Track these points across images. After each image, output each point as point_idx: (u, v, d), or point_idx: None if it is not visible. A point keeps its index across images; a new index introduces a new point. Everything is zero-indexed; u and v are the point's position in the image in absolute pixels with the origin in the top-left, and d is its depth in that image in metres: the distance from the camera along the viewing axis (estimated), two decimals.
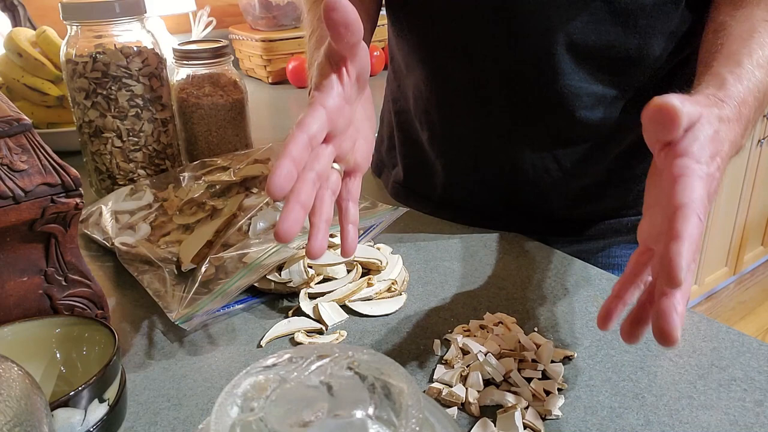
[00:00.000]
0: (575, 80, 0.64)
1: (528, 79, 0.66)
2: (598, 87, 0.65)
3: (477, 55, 0.67)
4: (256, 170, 0.74)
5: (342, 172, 0.47)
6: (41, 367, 0.46)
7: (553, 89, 0.65)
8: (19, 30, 1.00)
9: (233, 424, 0.25)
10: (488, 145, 0.71)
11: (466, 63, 0.68)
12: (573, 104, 0.65)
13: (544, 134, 0.69)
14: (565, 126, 0.67)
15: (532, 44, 0.64)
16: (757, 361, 0.50)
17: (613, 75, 0.65)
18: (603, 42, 0.63)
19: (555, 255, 0.67)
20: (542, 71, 0.65)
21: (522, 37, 0.64)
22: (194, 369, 0.51)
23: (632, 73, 0.65)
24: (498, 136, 0.70)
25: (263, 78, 1.55)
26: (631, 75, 0.65)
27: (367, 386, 0.26)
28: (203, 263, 0.62)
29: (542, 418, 0.45)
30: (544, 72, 0.64)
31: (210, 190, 0.73)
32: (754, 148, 2.22)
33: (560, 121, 0.67)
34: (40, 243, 0.47)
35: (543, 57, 0.64)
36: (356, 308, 0.58)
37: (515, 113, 0.68)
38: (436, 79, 0.72)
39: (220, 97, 0.84)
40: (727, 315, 2.40)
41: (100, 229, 0.69)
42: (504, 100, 0.68)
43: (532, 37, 0.63)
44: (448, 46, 0.69)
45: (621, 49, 0.63)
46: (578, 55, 0.63)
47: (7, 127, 0.45)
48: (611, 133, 0.68)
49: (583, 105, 0.66)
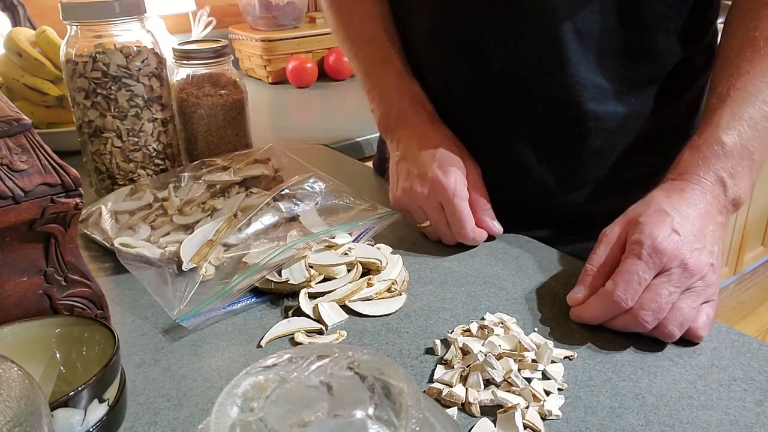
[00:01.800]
0: (582, 71, 0.64)
1: (534, 71, 0.66)
2: (604, 79, 0.65)
3: (482, 48, 0.67)
4: (256, 170, 0.74)
5: None
6: (41, 367, 0.46)
7: (560, 80, 0.65)
8: (19, 30, 1.00)
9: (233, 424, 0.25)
10: (491, 141, 0.71)
11: (470, 56, 0.68)
12: (579, 96, 0.65)
13: (549, 129, 0.69)
14: (571, 119, 0.67)
15: (539, 35, 0.64)
16: (758, 361, 0.50)
17: (620, 67, 0.65)
18: (609, 33, 0.63)
19: (555, 255, 0.67)
20: (548, 62, 0.65)
21: (528, 27, 0.64)
22: (194, 369, 0.51)
23: (638, 66, 0.65)
24: (502, 131, 0.71)
25: (263, 78, 1.55)
26: (636, 68, 0.65)
27: (367, 386, 0.26)
28: (203, 263, 0.62)
29: (542, 418, 0.45)
30: (551, 63, 0.64)
31: (210, 190, 0.73)
32: None
33: (566, 114, 0.67)
34: (40, 243, 0.47)
35: (549, 47, 0.64)
36: (356, 308, 0.58)
37: (520, 107, 0.68)
38: (439, 74, 0.73)
39: (220, 97, 0.84)
40: (727, 315, 2.40)
41: (100, 229, 0.69)
42: (509, 94, 0.68)
43: (539, 27, 0.63)
44: (451, 39, 0.69)
45: (626, 41, 0.63)
46: (585, 45, 0.63)
47: (7, 127, 0.45)
48: (617, 128, 0.68)
49: (589, 97, 0.66)
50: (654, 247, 0.51)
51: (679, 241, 0.52)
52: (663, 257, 0.51)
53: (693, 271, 0.51)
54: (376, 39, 0.76)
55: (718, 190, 0.56)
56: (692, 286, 0.52)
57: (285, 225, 0.67)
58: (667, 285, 0.51)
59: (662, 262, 0.51)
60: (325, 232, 0.64)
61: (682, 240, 0.52)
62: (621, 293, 0.51)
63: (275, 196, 0.69)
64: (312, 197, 0.71)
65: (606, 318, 0.53)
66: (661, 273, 0.51)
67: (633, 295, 0.51)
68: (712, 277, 0.52)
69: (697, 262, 0.51)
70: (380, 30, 0.76)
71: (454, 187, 0.65)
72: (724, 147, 0.56)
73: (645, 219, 0.53)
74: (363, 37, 0.77)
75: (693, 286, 0.52)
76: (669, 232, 0.52)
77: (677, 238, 0.52)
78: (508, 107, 0.69)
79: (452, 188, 0.65)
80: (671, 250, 0.51)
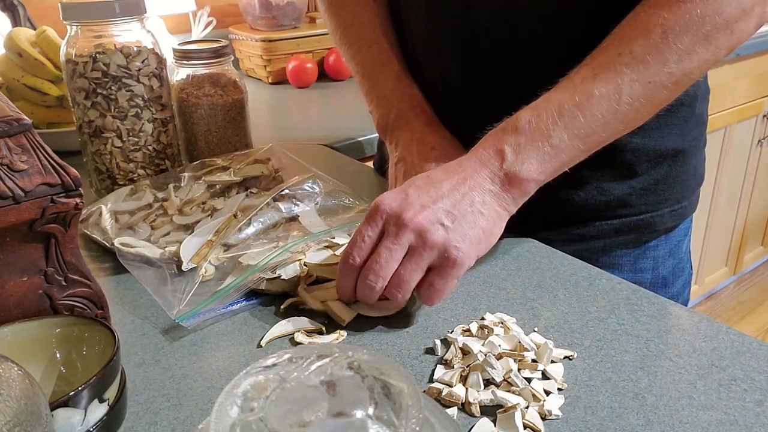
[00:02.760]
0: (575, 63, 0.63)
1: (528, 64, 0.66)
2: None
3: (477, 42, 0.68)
4: (256, 170, 0.74)
5: None
6: (41, 367, 0.46)
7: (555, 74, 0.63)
8: (19, 30, 1.00)
9: (233, 424, 0.25)
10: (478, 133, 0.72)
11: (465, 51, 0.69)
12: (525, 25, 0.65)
13: None
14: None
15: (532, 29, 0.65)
16: (758, 361, 0.50)
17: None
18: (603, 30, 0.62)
19: (555, 255, 0.67)
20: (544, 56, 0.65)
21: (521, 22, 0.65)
22: (194, 369, 0.51)
23: None
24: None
25: (263, 78, 1.55)
26: None
27: (367, 386, 0.26)
28: (203, 263, 0.62)
29: (542, 418, 0.45)
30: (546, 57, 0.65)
31: (210, 190, 0.73)
32: (754, 148, 2.22)
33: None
34: (40, 243, 0.47)
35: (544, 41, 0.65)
36: (358, 309, 0.58)
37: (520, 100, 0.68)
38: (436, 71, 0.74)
39: (220, 97, 0.84)
40: (727, 315, 2.40)
41: (100, 229, 0.69)
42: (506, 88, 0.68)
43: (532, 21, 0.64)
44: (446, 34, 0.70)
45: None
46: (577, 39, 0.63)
47: (7, 127, 0.45)
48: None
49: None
50: (375, 206, 0.53)
51: (403, 200, 0.53)
52: (381, 215, 0.53)
53: (407, 227, 0.52)
54: (376, 41, 0.76)
55: (493, 159, 0.56)
56: (414, 247, 0.52)
57: (285, 225, 0.67)
58: (386, 242, 0.52)
59: (382, 219, 0.53)
60: (325, 233, 0.64)
61: (406, 199, 0.53)
62: (348, 251, 0.53)
63: (275, 196, 0.69)
64: (312, 197, 0.71)
65: (352, 282, 0.54)
66: (383, 234, 0.53)
67: (361, 253, 0.53)
68: (435, 237, 0.52)
69: (413, 218, 0.52)
70: (379, 32, 0.77)
71: None
72: (518, 122, 0.56)
73: None
74: (362, 39, 0.78)
75: (414, 247, 0.52)
76: (396, 194, 0.54)
77: (401, 196, 0.53)
78: (506, 101, 0.69)
79: None
80: (389, 208, 0.53)
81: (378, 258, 0.52)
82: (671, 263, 0.77)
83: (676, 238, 0.77)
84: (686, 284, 0.81)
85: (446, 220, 0.53)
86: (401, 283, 0.53)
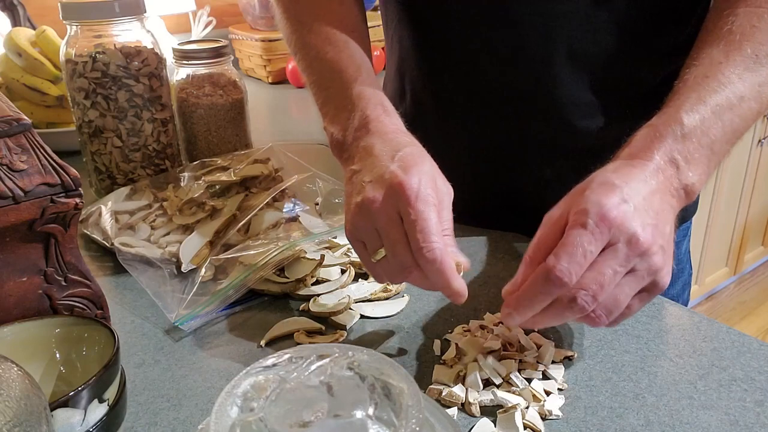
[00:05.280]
0: (574, 89, 0.65)
1: (527, 89, 0.66)
2: (595, 97, 0.66)
3: (477, 63, 0.67)
4: (256, 170, 0.73)
5: None
6: (41, 367, 0.46)
7: (552, 98, 0.65)
8: (18, 30, 1.00)
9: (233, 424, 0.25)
10: (485, 153, 0.72)
11: (465, 71, 0.68)
12: (571, 113, 0.66)
13: (540, 143, 0.69)
14: (563, 135, 0.68)
15: (533, 54, 0.64)
16: (758, 361, 0.50)
17: (611, 86, 0.66)
18: (602, 52, 0.63)
19: None
20: (541, 81, 0.65)
21: (523, 46, 0.64)
22: (194, 369, 0.51)
23: (629, 85, 0.66)
24: (495, 144, 0.71)
25: (263, 78, 1.55)
26: (627, 87, 0.66)
27: (367, 386, 0.26)
28: (203, 264, 0.62)
29: (542, 418, 0.45)
30: (543, 81, 0.65)
31: (210, 190, 0.72)
32: (754, 148, 2.22)
33: (558, 130, 0.67)
34: (40, 243, 0.47)
35: (543, 66, 0.64)
36: (358, 309, 0.58)
37: (513, 122, 0.68)
38: (432, 84, 0.73)
39: (220, 96, 0.84)
40: (727, 315, 2.40)
41: (99, 229, 0.69)
42: (503, 110, 0.68)
43: (533, 46, 0.64)
44: (447, 53, 0.69)
45: (619, 60, 0.64)
46: (577, 64, 0.64)
47: (6, 127, 0.45)
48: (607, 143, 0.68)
49: (580, 114, 0.66)
50: (601, 215, 0.43)
51: (630, 211, 0.44)
52: (611, 227, 0.43)
53: (641, 247, 0.44)
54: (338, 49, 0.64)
55: (671, 170, 0.49)
56: (636, 269, 0.45)
57: (285, 225, 0.67)
58: (613, 263, 0.43)
59: (610, 233, 0.43)
60: (325, 233, 0.64)
61: (633, 211, 0.44)
62: (563, 267, 0.42)
63: (275, 196, 0.69)
64: (312, 197, 0.71)
65: (545, 302, 0.44)
66: (607, 248, 0.44)
67: (577, 270, 0.43)
68: (658, 260, 0.45)
69: (648, 238, 0.44)
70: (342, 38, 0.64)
71: (417, 187, 0.48)
72: (683, 128, 0.49)
73: (590, 191, 0.45)
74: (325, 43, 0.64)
75: (637, 269, 0.45)
76: (618, 200, 0.44)
77: (627, 207, 0.44)
78: (502, 120, 0.69)
79: (414, 188, 0.47)
80: (620, 220, 0.43)
81: (601, 279, 0.43)
82: None
83: (675, 239, 0.77)
84: (686, 285, 0.81)
85: (663, 241, 0.46)
86: (616, 307, 0.44)
